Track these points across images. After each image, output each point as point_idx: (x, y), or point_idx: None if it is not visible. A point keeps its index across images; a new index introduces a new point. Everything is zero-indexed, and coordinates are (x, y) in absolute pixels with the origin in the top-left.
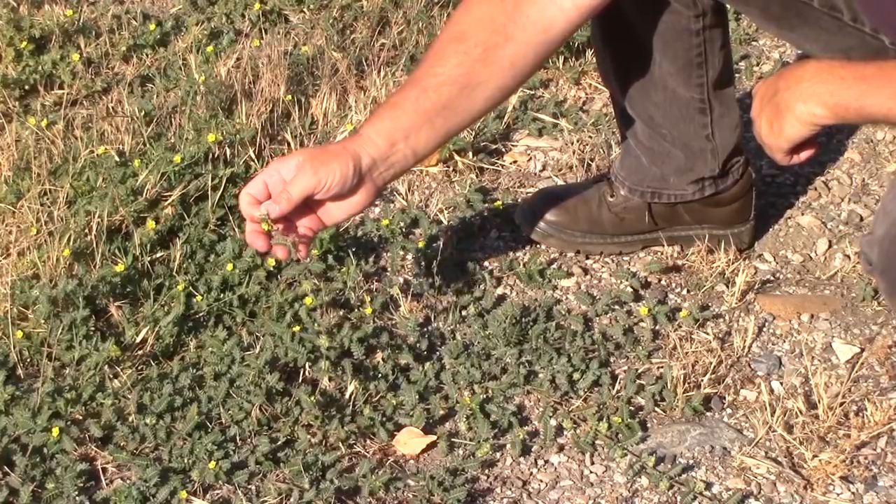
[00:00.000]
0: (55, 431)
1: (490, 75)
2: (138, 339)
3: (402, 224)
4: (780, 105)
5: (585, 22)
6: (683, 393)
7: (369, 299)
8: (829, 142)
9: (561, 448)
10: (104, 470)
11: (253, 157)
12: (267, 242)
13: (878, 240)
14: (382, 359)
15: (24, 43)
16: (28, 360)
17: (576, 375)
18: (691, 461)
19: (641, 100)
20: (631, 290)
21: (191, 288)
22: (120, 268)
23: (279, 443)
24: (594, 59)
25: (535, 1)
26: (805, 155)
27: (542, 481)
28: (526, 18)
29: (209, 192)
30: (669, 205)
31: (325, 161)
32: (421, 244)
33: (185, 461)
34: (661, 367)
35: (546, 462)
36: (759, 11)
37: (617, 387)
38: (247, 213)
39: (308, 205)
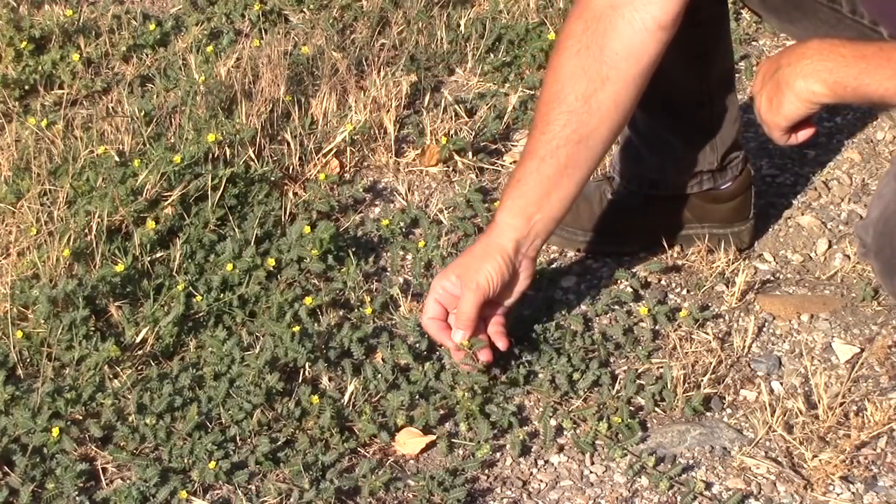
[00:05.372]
0: (55, 431)
1: (599, 122)
2: (138, 339)
3: (402, 224)
4: (780, 81)
5: (672, 36)
6: (683, 393)
7: (369, 299)
8: (829, 142)
9: (561, 448)
10: (104, 470)
11: (253, 157)
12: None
13: (873, 222)
14: (382, 359)
15: (24, 43)
16: (28, 360)
17: (576, 375)
18: (691, 461)
19: None
20: (631, 290)
21: (191, 288)
22: (120, 268)
23: (279, 443)
24: None
25: (618, 35)
26: (803, 136)
27: (542, 481)
28: (616, 56)
29: (209, 192)
30: (668, 201)
31: (477, 269)
32: (421, 244)
33: (185, 461)
34: (661, 367)
35: (546, 462)
36: (759, 3)
37: (617, 387)
38: (441, 340)
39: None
